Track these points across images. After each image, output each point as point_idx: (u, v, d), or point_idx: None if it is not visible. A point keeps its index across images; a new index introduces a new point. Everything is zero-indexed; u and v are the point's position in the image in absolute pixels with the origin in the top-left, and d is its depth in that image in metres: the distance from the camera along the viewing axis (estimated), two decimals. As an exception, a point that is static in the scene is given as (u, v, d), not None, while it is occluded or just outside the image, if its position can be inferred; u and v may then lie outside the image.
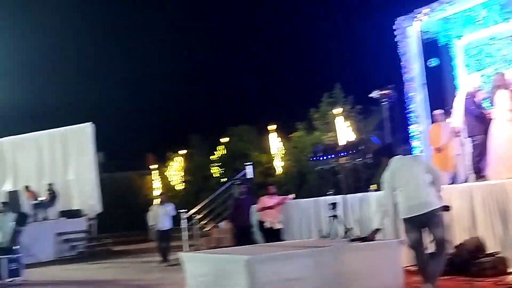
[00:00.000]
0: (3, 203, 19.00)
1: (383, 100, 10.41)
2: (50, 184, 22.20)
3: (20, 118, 28.47)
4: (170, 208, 15.28)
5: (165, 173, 30.00)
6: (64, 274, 15.35)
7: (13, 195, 20.72)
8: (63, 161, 23.12)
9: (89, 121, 22.61)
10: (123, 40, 36.19)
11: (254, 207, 12.52)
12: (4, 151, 24.60)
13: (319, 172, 17.13)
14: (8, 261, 13.93)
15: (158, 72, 36.30)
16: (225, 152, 26.79)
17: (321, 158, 10.72)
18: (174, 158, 29.62)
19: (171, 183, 29.59)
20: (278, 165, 23.96)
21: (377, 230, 7.25)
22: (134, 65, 36.63)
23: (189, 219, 17.70)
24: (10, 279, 13.75)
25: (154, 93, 36.27)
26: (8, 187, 23.47)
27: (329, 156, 10.52)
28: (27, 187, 22.05)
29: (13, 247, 14.59)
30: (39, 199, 21.63)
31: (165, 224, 15.16)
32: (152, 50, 36.82)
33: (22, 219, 15.35)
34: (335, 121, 20.03)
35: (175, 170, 29.67)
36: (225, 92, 35.20)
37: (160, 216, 15.17)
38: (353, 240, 7.71)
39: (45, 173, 23.41)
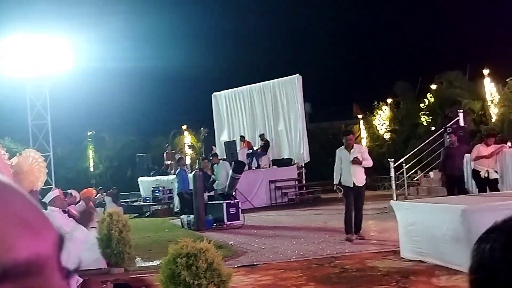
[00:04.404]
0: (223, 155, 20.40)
1: None
2: (262, 134, 23.23)
3: (234, 73, 30.30)
4: (364, 155, 10.64)
5: (372, 122, 29.80)
6: (277, 219, 16.10)
7: (230, 145, 21.91)
8: (273, 112, 23.96)
9: (296, 73, 23.10)
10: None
11: (468, 156, 12.04)
12: (220, 104, 26.23)
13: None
14: (227, 206, 15.10)
15: (364, 22, 35.88)
16: (434, 100, 25.78)
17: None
18: (381, 107, 29.25)
19: (378, 132, 29.35)
20: (493, 112, 22.53)
21: None
22: (336, 18, 36.68)
23: (397, 168, 17.50)
24: (230, 222, 14.90)
25: (359, 43, 35.98)
26: (225, 137, 25.08)
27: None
28: (242, 137, 23.31)
29: (232, 193, 15.76)
30: (253, 148, 22.80)
31: (357, 178, 10.47)
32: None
33: (238, 167, 16.43)
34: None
35: (382, 119, 29.32)
36: (433, 36, 33.68)
37: (348, 168, 10.45)
38: None
39: (257, 124, 24.55)
